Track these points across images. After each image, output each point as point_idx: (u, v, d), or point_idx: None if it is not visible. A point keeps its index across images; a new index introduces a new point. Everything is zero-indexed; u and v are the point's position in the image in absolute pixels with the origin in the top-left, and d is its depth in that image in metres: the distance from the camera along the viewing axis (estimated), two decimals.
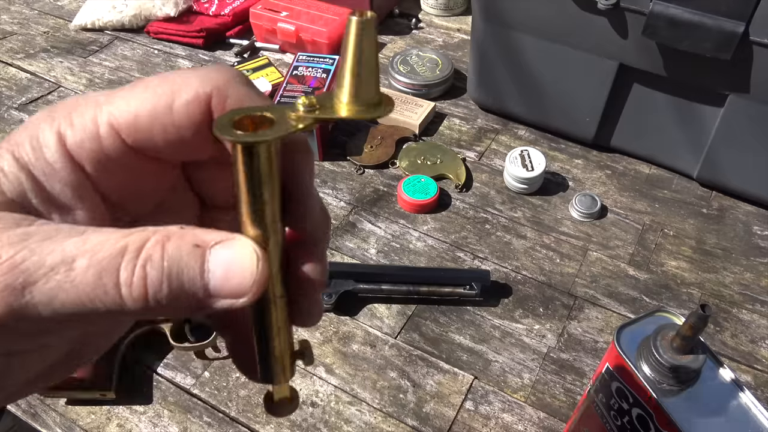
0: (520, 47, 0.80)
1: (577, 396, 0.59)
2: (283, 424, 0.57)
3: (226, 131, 0.18)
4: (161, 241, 0.17)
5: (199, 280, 0.17)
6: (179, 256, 0.17)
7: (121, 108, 0.19)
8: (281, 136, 0.18)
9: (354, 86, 0.19)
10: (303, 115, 0.19)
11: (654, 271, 0.70)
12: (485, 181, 0.81)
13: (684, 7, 0.64)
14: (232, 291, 0.18)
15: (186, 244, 0.17)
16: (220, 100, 0.20)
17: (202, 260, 0.17)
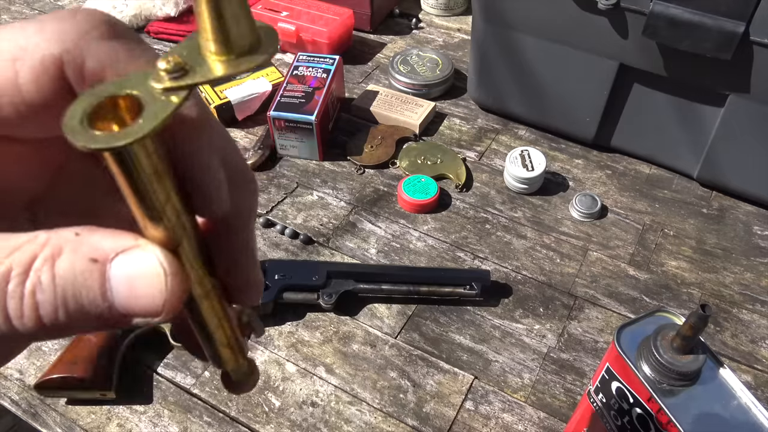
0: (520, 47, 0.80)
1: (577, 396, 0.59)
2: (283, 424, 0.57)
3: (79, 135, 0.14)
4: (50, 257, 0.15)
5: (101, 301, 0.15)
6: (73, 275, 0.15)
7: None
8: (152, 129, 0.14)
9: (222, 33, 0.15)
10: (171, 85, 0.15)
11: (654, 271, 0.70)
12: (485, 181, 0.81)
13: (684, 7, 0.64)
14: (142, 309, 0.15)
15: (80, 259, 0.15)
16: (74, 65, 0.15)
17: (102, 278, 0.15)
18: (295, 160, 0.84)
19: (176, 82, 0.15)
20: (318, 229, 0.74)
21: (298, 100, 0.81)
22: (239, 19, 0.15)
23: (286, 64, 0.99)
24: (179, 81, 0.15)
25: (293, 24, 0.97)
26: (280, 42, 1.01)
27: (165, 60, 0.15)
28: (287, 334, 0.64)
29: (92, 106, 0.14)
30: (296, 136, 0.81)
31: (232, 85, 0.89)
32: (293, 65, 0.87)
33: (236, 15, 0.15)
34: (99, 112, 0.14)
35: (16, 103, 0.15)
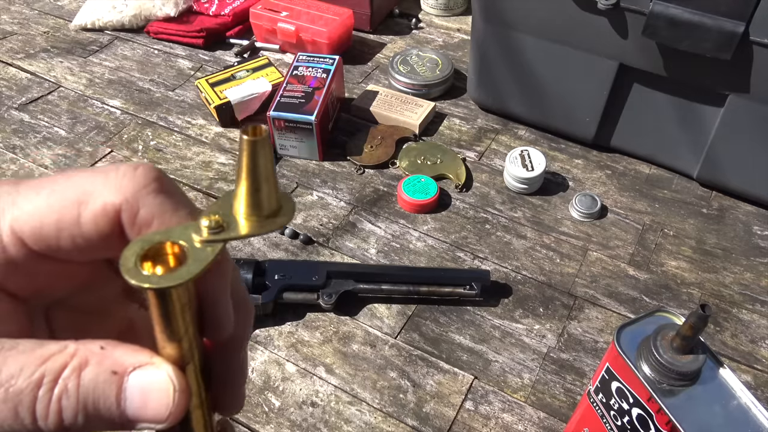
0: (520, 47, 0.80)
1: (577, 396, 0.59)
2: (283, 424, 0.57)
3: (133, 274, 0.17)
4: (78, 368, 0.17)
5: (115, 408, 0.17)
6: (95, 385, 0.17)
7: (25, 214, 0.18)
8: (194, 276, 0.17)
9: (255, 201, 0.19)
10: (210, 238, 0.18)
11: (654, 271, 0.70)
12: (485, 181, 0.81)
13: (684, 7, 0.64)
14: (150, 418, 0.18)
15: (104, 371, 0.17)
16: (130, 213, 0.18)
17: (119, 388, 0.17)
18: (294, 160, 0.84)
19: (215, 236, 0.18)
20: (318, 229, 0.74)
21: (297, 100, 0.81)
22: (271, 194, 0.19)
23: (286, 64, 0.99)
24: (217, 236, 0.18)
25: (293, 24, 0.97)
26: (286, 44, 1.01)
27: (207, 218, 0.18)
28: (287, 334, 0.64)
29: (144, 249, 0.17)
30: (296, 136, 0.81)
31: (232, 85, 0.89)
32: (293, 65, 0.87)
33: (269, 191, 0.19)
34: (148, 254, 0.18)
35: (74, 237, 0.18)
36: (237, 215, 0.19)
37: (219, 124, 0.89)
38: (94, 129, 0.89)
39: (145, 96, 0.94)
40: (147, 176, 0.19)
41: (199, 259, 0.18)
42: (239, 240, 0.19)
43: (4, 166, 0.83)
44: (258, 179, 0.18)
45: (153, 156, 0.84)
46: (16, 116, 0.91)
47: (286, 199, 0.20)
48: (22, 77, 0.97)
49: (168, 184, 0.20)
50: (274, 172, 0.19)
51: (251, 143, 0.18)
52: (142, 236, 0.18)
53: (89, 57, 1.02)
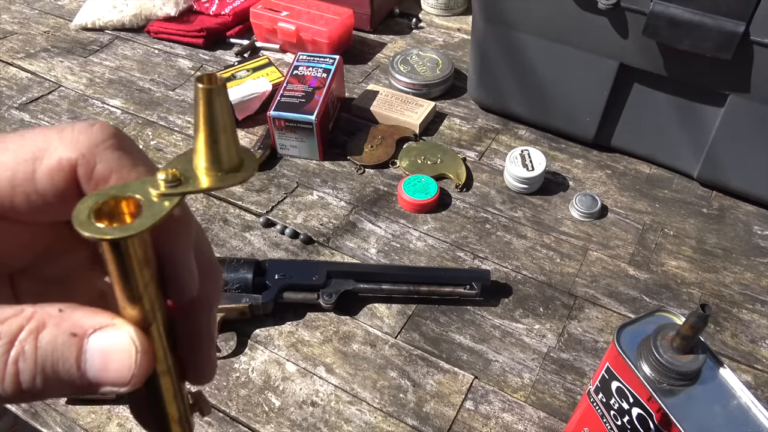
0: (520, 47, 0.80)
1: (577, 396, 0.59)
2: (283, 423, 0.57)
3: (85, 226, 0.16)
4: (35, 330, 0.16)
5: (75, 370, 0.17)
6: (53, 347, 0.17)
7: None
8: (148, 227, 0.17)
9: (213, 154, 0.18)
10: (167, 191, 0.18)
11: (654, 271, 0.70)
12: (485, 180, 0.81)
13: (684, 7, 0.64)
14: (112, 380, 0.17)
15: (62, 333, 0.17)
16: (86, 168, 0.18)
17: (79, 350, 0.17)
18: (295, 160, 0.84)
19: (172, 189, 0.18)
20: (318, 229, 0.74)
21: (298, 99, 0.81)
22: (230, 146, 0.18)
23: (286, 63, 0.99)
24: (174, 189, 0.18)
25: (293, 24, 0.97)
26: (286, 44, 1.01)
27: (164, 171, 0.18)
28: (287, 333, 0.64)
29: (98, 203, 0.17)
30: (296, 135, 0.81)
31: (232, 85, 0.89)
32: (293, 65, 0.87)
33: (228, 143, 0.18)
34: (103, 208, 0.17)
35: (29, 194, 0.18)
36: (197, 170, 0.18)
37: None
38: None
39: (146, 96, 0.94)
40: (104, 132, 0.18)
41: (154, 212, 0.17)
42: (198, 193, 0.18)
43: None
44: (216, 130, 0.18)
45: (153, 156, 0.84)
46: (16, 116, 0.91)
47: (247, 154, 0.19)
48: (22, 77, 0.97)
49: (125, 140, 0.19)
50: (233, 123, 0.18)
51: (207, 91, 0.17)
52: (97, 191, 0.18)
53: (89, 57, 1.02)
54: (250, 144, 0.85)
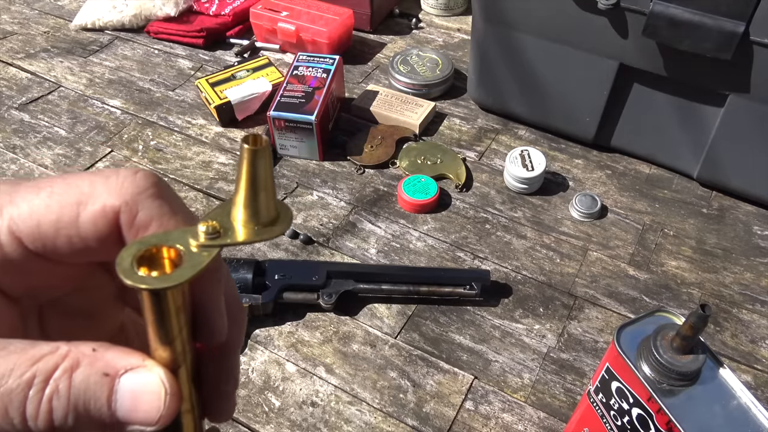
0: (520, 47, 0.80)
1: (577, 396, 0.59)
2: (283, 424, 0.57)
3: (129, 275, 0.17)
4: (69, 369, 0.17)
5: (106, 410, 0.17)
6: (86, 386, 0.17)
7: (23, 214, 0.18)
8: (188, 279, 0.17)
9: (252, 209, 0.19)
10: (206, 243, 0.18)
11: (654, 271, 0.70)
12: (485, 181, 0.81)
13: (684, 7, 0.64)
14: (140, 420, 0.18)
15: (95, 373, 0.17)
16: (128, 215, 0.19)
17: (110, 390, 0.17)
18: (295, 160, 0.84)
19: (211, 241, 0.18)
20: (318, 229, 0.74)
21: (298, 100, 0.81)
22: (269, 202, 0.19)
23: (286, 63, 0.99)
24: (213, 241, 0.18)
25: (293, 24, 0.97)
26: (286, 44, 1.01)
27: (204, 223, 0.18)
28: (287, 334, 0.64)
29: (140, 251, 0.18)
30: (296, 136, 0.81)
31: (232, 85, 0.89)
32: (293, 65, 0.87)
33: (267, 199, 0.19)
34: (144, 255, 0.18)
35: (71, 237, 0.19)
36: (234, 222, 0.19)
37: (219, 124, 0.89)
38: (95, 129, 0.89)
39: (146, 96, 0.94)
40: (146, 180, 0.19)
41: (194, 263, 0.18)
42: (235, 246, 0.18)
43: (5, 165, 0.83)
44: (257, 188, 0.18)
45: (153, 156, 0.84)
46: (16, 116, 0.91)
47: (283, 208, 0.20)
48: (22, 77, 0.97)
49: (166, 189, 0.20)
50: (273, 181, 0.19)
51: (252, 152, 0.18)
52: (140, 239, 0.18)
53: (89, 57, 1.02)
54: None
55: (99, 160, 0.83)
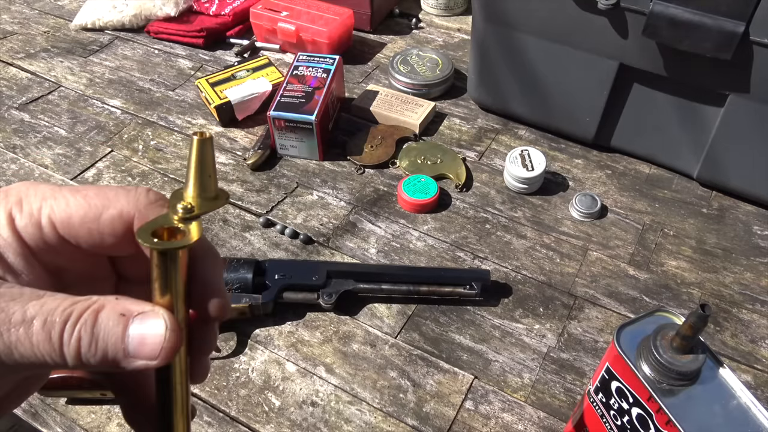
0: (520, 47, 0.80)
1: (577, 396, 0.59)
2: (283, 423, 0.57)
3: (146, 239, 0.23)
4: (96, 310, 0.22)
5: (120, 344, 0.22)
6: (106, 323, 0.22)
7: (60, 207, 0.24)
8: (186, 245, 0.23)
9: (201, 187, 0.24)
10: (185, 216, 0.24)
11: (654, 271, 0.71)
12: (485, 181, 0.81)
13: (684, 7, 0.64)
14: (146, 354, 0.22)
15: (114, 313, 0.22)
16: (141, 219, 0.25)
17: (125, 326, 0.22)
18: (295, 160, 0.84)
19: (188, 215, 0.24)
20: (318, 229, 0.74)
21: (298, 100, 0.81)
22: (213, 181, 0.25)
23: (286, 63, 0.99)
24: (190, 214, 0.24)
25: (293, 24, 0.97)
26: (286, 44, 1.01)
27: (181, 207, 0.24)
28: (287, 333, 0.64)
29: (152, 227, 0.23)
30: (296, 136, 0.81)
31: (232, 85, 0.89)
32: (293, 65, 0.87)
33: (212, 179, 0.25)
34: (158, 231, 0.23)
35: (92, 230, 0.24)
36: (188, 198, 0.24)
37: (219, 124, 0.89)
38: (95, 129, 0.89)
39: (146, 96, 0.94)
40: (155, 195, 0.26)
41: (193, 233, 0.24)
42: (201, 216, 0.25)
43: (5, 165, 0.83)
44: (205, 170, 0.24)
45: (153, 156, 0.84)
46: (16, 116, 0.91)
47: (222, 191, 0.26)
48: (22, 77, 0.98)
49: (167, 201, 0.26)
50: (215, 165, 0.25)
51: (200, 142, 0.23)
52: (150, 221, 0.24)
53: (89, 57, 1.02)
54: (251, 144, 0.86)
55: (99, 160, 0.83)
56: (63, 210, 0.24)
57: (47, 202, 0.24)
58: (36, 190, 0.24)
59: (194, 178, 0.24)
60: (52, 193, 0.24)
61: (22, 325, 0.21)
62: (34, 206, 0.24)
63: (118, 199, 0.25)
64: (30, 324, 0.21)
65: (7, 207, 0.24)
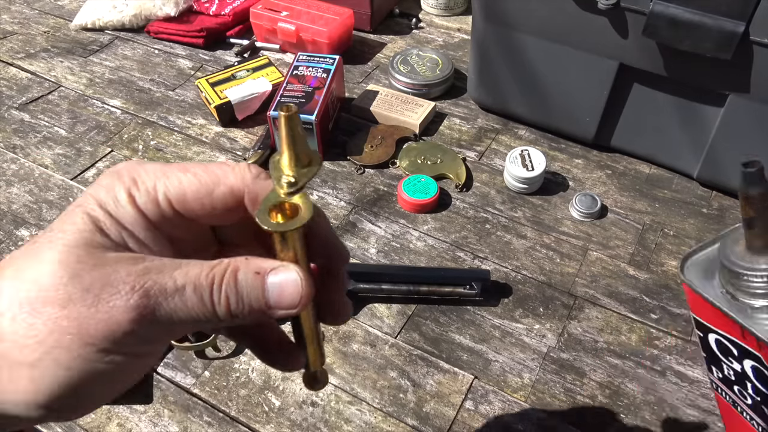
0: (520, 47, 0.80)
1: (578, 396, 0.59)
2: (283, 423, 0.57)
3: (266, 222, 0.24)
4: (234, 271, 0.24)
5: (261, 299, 0.24)
6: (246, 282, 0.24)
7: (174, 185, 0.26)
8: (302, 225, 0.25)
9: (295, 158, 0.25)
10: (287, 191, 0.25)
11: (654, 271, 0.70)
12: (485, 180, 0.81)
13: (684, 7, 0.64)
14: (286, 304, 0.25)
15: (250, 272, 0.24)
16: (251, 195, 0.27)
17: (263, 283, 0.24)
18: None
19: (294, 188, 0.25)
20: None
21: (298, 99, 0.81)
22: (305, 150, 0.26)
23: (286, 63, 0.99)
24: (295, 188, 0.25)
25: (293, 24, 0.97)
26: (286, 44, 1.01)
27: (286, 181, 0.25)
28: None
29: (266, 206, 0.25)
30: None
31: (232, 85, 0.89)
32: (293, 65, 0.87)
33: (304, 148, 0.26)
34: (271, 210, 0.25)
35: (205, 204, 0.26)
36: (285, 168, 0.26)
37: (219, 124, 0.89)
38: (95, 129, 0.89)
39: (146, 96, 0.94)
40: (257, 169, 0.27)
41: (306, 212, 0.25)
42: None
43: (5, 165, 0.83)
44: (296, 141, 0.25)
45: (153, 156, 0.84)
46: (16, 116, 0.91)
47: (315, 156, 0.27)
48: (22, 77, 0.98)
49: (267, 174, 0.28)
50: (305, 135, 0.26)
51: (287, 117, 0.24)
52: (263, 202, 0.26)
53: (89, 57, 1.02)
54: (251, 144, 0.86)
55: (99, 160, 0.83)
56: (176, 187, 0.26)
57: (161, 180, 0.26)
58: (146, 169, 0.26)
59: (287, 150, 0.25)
60: (163, 172, 0.26)
61: (176, 292, 0.23)
62: (149, 184, 0.26)
63: (226, 176, 0.26)
64: (183, 291, 0.23)
65: (126, 187, 0.25)
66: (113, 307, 0.22)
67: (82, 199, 0.25)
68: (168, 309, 0.23)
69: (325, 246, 0.30)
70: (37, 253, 0.23)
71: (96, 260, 0.23)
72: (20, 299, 0.22)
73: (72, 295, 0.22)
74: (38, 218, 0.76)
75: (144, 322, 0.23)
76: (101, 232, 0.24)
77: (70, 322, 0.22)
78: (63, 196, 0.79)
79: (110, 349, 0.22)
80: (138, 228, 0.25)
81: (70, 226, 0.24)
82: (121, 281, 0.23)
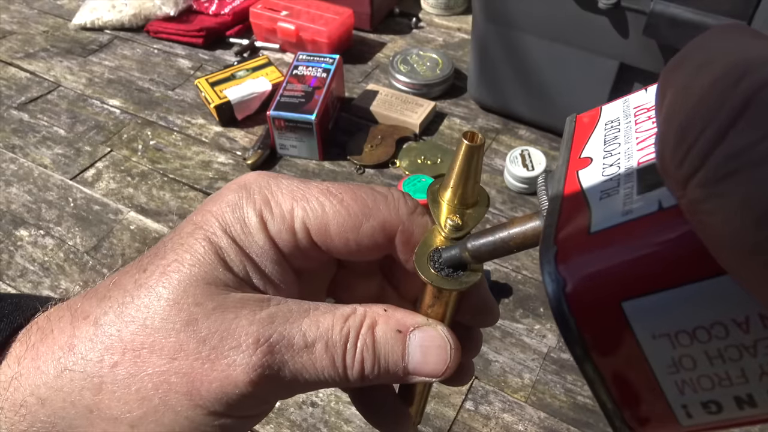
0: (520, 47, 0.80)
1: (578, 396, 0.59)
2: (283, 424, 0.57)
3: (428, 274, 0.21)
4: (371, 326, 0.21)
5: (400, 363, 0.21)
6: (385, 341, 0.20)
7: (315, 212, 0.22)
8: (466, 288, 0.21)
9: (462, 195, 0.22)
10: (450, 236, 0.22)
11: None
12: (486, 181, 0.81)
13: (685, 7, 0.64)
14: (428, 372, 0.21)
15: (390, 329, 0.21)
16: (406, 234, 0.22)
17: (404, 344, 0.21)
18: (294, 160, 0.83)
19: (458, 233, 0.22)
20: None
21: (297, 99, 0.81)
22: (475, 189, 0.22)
23: (286, 63, 0.99)
24: (460, 233, 0.22)
25: (293, 23, 0.97)
26: (286, 44, 1.01)
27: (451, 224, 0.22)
28: None
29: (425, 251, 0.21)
30: (296, 135, 0.81)
31: (232, 85, 0.88)
32: (293, 65, 0.87)
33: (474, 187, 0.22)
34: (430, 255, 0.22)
35: (349, 241, 0.22)
36: (444, 203, 0.22)
37: (219, 124, 0.89)
38: (94, 128, 0.88)
39: (145, 95, 0.94)
40: (414, 203, 0.23)
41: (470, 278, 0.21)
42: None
43: (4, 165, 0.83)
44: (468, 177, 0.21)
45: (152, 155, 0.84)
46: (15, 116, 0.90)
47: (483, 194, 0.23)
48: (21, 77, 0.97)
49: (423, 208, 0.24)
50: (480, 173, 0.22)
51: (469, 148, 0.21)
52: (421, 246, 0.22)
53: (89, 56, 1.02)
54: (250, 143, 0.85)
55: (98, 160, 0.83)
56: (319, 217, 0.22)
57: (299, 204, 0.22)
58: (279, 186, 0.22)
59: (459, 184, 0.22)
60: (302, 193, 0.22)
61: (305, 350, 0.20)
62: (285, 208, 0.22)
63: (377, 207, 0.22)
64: (312, 349, 0.20)
65: (256, 208, 0.21)
66: (231, 365, 0.19)
67: (202, 217, 0.21)
68: (293, 369, 0.20)
69: (477, 306, 0.24)
70: (147, 285, 0.20)
71: (216, 303, 0.20)
72: (124, 343, 0.19)
73: (184, 344, 0.19)
74: (37, 218, 0.75)
75: (265, 383, 0.19)
76: (224, 265, 0.20)
77: (180, 378, 0.19)
78: (62, 196, 0.78)
79: (222, 413, 0.19)
80: (266, 261, 0.22)
81: (188, 255, 0.20)
82: (244, 332, 0.19)
